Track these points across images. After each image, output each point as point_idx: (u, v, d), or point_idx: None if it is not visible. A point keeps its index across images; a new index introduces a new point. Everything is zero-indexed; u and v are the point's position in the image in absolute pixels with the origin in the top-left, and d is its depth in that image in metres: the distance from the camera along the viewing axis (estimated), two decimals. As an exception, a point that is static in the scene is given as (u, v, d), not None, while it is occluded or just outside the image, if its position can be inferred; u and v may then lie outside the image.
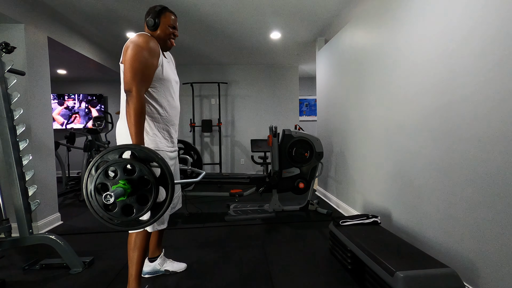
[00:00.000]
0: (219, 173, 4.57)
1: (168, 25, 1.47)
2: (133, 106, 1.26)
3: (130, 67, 1.28)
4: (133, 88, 1.27)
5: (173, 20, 1.50)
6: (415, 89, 1.84)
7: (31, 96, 2.53)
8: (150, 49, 1.34)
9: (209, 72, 5.32)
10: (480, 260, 1.37)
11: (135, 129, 1.25)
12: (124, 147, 1.14)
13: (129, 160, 1.10)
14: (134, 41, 1.32)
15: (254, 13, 3.03)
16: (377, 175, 2.35)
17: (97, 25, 3.27)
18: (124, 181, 1.07)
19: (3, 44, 1.83)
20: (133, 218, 1.10)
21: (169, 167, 1.14)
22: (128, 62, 1.28)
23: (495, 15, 1.28)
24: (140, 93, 1.28)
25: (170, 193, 1.13)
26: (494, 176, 1.29)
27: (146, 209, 1.10)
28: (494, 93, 1.29)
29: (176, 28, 1.52)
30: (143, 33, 1.39)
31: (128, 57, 1.29)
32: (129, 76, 1.27)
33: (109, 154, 1.12)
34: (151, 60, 1.34)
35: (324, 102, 3.75)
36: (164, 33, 1.47)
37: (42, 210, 2.63)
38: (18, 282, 1.76)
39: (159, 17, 1.45)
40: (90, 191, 1.09)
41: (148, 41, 1.34)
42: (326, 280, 1.73)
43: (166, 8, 1.48)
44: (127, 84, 1.27)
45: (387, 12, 2.17)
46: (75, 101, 5.93)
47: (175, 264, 1.84)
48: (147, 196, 1.10)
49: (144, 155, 1.14)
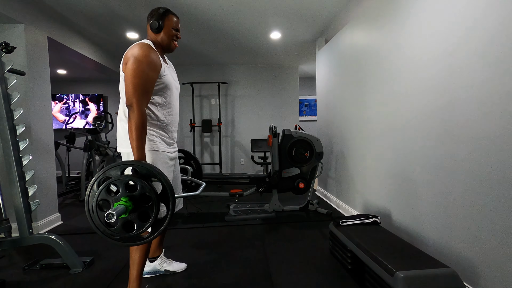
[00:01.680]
0: (219, 173, 4.57)
1: (172, 28, 1.47)
2: (134, 121, 1.26)
3: (130, 83, 1.28)
4: (134, 103, 1.27)
5: (176, 22, 1.50)
6: (415, 89, 1.84)
7: (31, 96, 2.53)
8: (150, 62, 1.33)
9: (209, 72, 5.33)
10: (480, 260, 1.37)
11: (136, 144, 1.25)
12: (126, 163, 1.15)
13: (130, 177, 1.12)
14: (134, 54, 1.31)
15: (254, 13, 3.03)
16: (377, 175, 2.35)
17: (97, 25, 3.27)
18: (125, 198, 1.08)
19: (3, 44, 1.83)
20: (134, 234, 1.12)
21: (169, 182, 1.16)
22: (129, 77, 1.29)
23: (495, 15, 1.28)
24: (141, 107, 1.29)
25: (171, 210, 1.15)
26: (494, 176, 1.29)
27: (147, 226, 1.11)
28: (494, 93, 1.29)
29: (179, 30, 1.53)
30: (143, 43, 1.37)
31: (129, 72, 1.29)
32: (130, 91, 1.28)
33: (111, 170, 1.13)
34: (151, 74, 1.34)
35: (324, 102, 3.75)
36: (168, 36, 1.48)
37: (42, 210, 2.63)
38: (18, 282, 1.76)
39: (162, 20, 1.45)
40: (92, 207, 1.09)
41: (148, 54, 1.33)
42: (326, 280, 1.72)
43: (169, 10, 1.49)
44: (128, 100, 1.28)
45: (387, 12, 2.17)
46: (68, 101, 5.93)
47: (175, 264, 1.84)
48: (149, 212, 1.12)
49: (146, 172, 1.15)
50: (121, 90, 1.40)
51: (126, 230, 1.11)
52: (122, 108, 1.41)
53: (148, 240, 1.17)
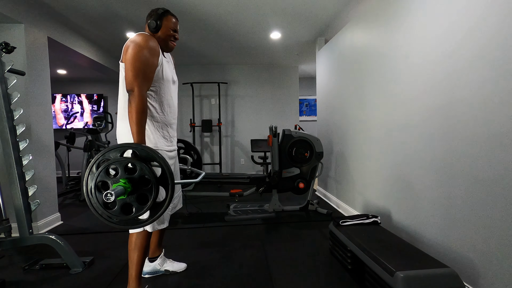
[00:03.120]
0: (219, 173, 4.57)
1: (170, 28, 1.48)
2: (135, 105, 1.27)
3: (131, 67, 1.29)
4: (135, 87, 1.28)
5: (174, 23, 1.51)
6: (415, 89, 1.84)
7: (31, 96, 2.53)
8: (150, 48, 1.35)
9: (209, 72, 5.33)
10: (480, 260, 1.37)
11: (136, 128, 1.26)
12: (126, 145, 1.14)
13: (130, 159, 1.10)
14: (134, 40, 1.33)
15: (254, 13, 3.03)
16: (377, 175, 2.35)
17: (97, 25, 3.27)
18: (124, 180, 1.07)
19: (3, 44, 1.83)
20: (132, 217, 1.10)
21: (169, 167, 1.14)
22: (129, 61, 1.29)
23: (495, 15, 1.28)
24: (142, 92, 1.29)
25: (170, 193, 1.13)
26: (494, 176, 1.29)
27: (146, 208, 1.10)
28: (494, 93, 1.29)
29: (177, 31, 1.54)
30: (143, 32, 1.40)
31: (129, 57, 1.30)
32: (131, 76, 1.28)
33: (110, 153, 1.12)
34: (151, 59, 1.35)
35: (324, 102, 3.75)
36: (165, 36, 1.48)
37: (42, 210, 2.63)
38: (18, 282, 1.76)
39: (161, 20, 1.46)
40: (91, 189, 1.09)
41: (148, 40, 1.35)
42: (326, 280, 1.73)
43: (168, 11, 1.50)
44: (129, 84, 1.28)
45: (387, 12, 2.17)
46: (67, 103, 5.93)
47: (175, 264, 1.84)
48: (147, 195, 1.10)
49: (145, 154, 1.14)
50: (120, 83, 1.40)
51: (124, 212, 1.10)
52: (123, 105, 1.40)
53: (147, 223, 1.15)
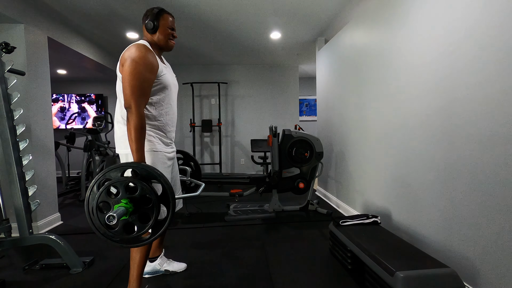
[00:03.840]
0: (219, 173, 4.57)
1: (167, 27, 1.47)
2: (133, 122, 1.26)
3: (128, 85, 1.28)
4: (132, 104, 1.27)
5: (171, 22, 1.50)
6: (415, 89, 1.84)
7: (31, 96, 2.53)
8: (146, 64, 1.33)
9: (209, 72, 5.32)
10: (480, 260, 1.37)
11: (135, 146, 1.25)
12: (126, 165, 1.15)
13: (130, 178, 1.12)
14: (130, 56, 1.31)
15: (254, 13, 3.03)
16: (377, 175, 2.35)
17: (97, 25, 3.27)
18: (126, 200, 1.08)
19: (3, 44, 1.83)
20: (134, 236, 1.12)
21: (170, 185, 1.16)
22: (126, 79, 1.29)
23: (495, 15, 1.28)
24: (139, 109, 1.29)
25: (171, 212, 1.15)
26: (494, 176, 1.29)
27: (148, 228, 1.11)
28: (494, 93, 1.29)
29: (175, 29, 1.53)
30: (140, 44, 1.37)
31: (126, 74, 1.29)
32: (128, 93, 1.28)
33: (111, 172, 1.13)
34: (148, 75, 1.34)
35: (324, 102, 3.75)
36: (164, 35, 1.47)
37: (42, 210, 2.63)
38: (18, 282, 1.76)
39: (157, 20, 1.45)
40: (92, 209, 1.09)
41: (144, 56, 1.33)
42: (326, 280, 1.73)
43: (164, 10, 1.49)
44: (126, 102, 1.28)
45: (387, 12, 2.17)
46: (64, 102, 5.92)
47: (175, 264, 1.84)
48: (149, 214, 1.12)
49: (146, 173, 1.15)
50: (118, 92, 1.40)
51: (126, 231, 1.11)
52: (120, 110, 1.41)
53: (149, 242, 1.17)
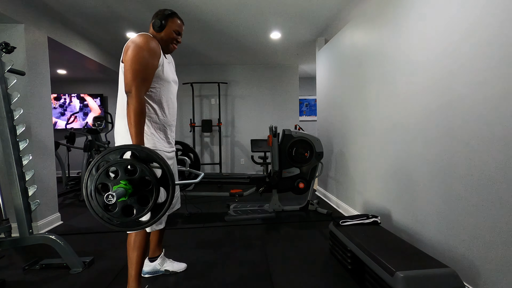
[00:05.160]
0: (219, 173, 4.57)
1: (173, 30, 1.48)
2: (133, 106, 1.27)
3: (130, 68, 1.29)
4: (133, 89, 1.27)
5: (179, 26, 1.51)
6: (415, 89, 1.84)
7: (31, 96, 2.53)
8: (150, 49, 1.34)
9: (209, 72, 5.33)
10: (480, 260, 1.37)
11: (135, 130, 1.26)
12: (125, 147, 1.13)
13: (130, 160, 1.10)
14: (134, 41, 1.33)
15: (254, 13, 3.03)
16: (377, 175, 2.35)
17: (97, 25, 3.27)
18: (125, 182, 1.07)
19: (3, 44, 1.83)
20: (133, 219, 1.10)
21: (170, 168, 1.14)
22: (129, 63, 1.29)
23: (495, 15, 1.28)
24: (140, 93, 1.29)
25: (171, 194, 1.13)
26: (494, 175, 1.29)
27: (147, 210, 1.09)
28: (493, 93, 1.29)
29: (181, 34, 1.54)
30: (144, 33, 1.39)
31: (129, 58, 1.30)
32: (129, 77, 1.28)
33: (110, 154, 1.11)
34: (151, 61, 1.35)
35: (324, 102, 3.75)
36: (168, 37, 1.48)
37: (42, 210, 2.63)
38: (18, 282, 1.76)
39: (166, 20, 1.46)
40: (91, 191, 1.08)
41: (148, 42, 1.35)
42: (326, 280, 1.73)
43: (176, 13, 1.50)
44: (127, 85, 1.28)
45: (387, 12, 2.17)
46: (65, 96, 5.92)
47: (175, 264, 1.84)
48: (148, 197, 1.10)
49: (145, 156, 1.13)
50: (120, 83, 1.40)
51: (125, 214, 1.09)
52: (121, 104, 1.40)
53: (148, 225, 1.15)
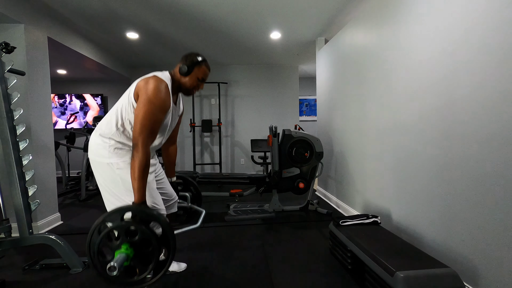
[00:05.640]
0: (219, 173, 4.57)
1: (198, 77, 1.49)
2: (138, 160, 1.25)
3: (139, 123, 1.28)
4: (139, 142, 1.27)
5: (205, 74, 1.51)
6: (415, 89, 1.84)
7: (31, 96, 2.53)
8: (161, 106, 1.34)
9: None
10: (480, 260, 1.37)
11: (138, 184, 1.24)
12: (126, 209, 1.17)
13: (130, 223, 1.13)
14: (148, 94, 1.30)
15: (254, 13, 3.03)
16: (377, 175, 2.35)
17: (97, 25, 3.27)
18: (126, 245, 1.11)
19: (3, 44, 1.83)
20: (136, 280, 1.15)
21: (171, 228, 1.18)
22: (139, 117, 1.29)
23: (495, 15, 1.28)
24: (146, 148, 1.29)
25: (172, 255, 1.17)
26: (494, 175, 1.29)
27: (149, 270, 1.14)
28: (494, 92, 1.29)
29: (205, 80, 1.54)
30: (160, 82, 1.34)
31: (139, 112, 1.29)
32: (137, 131, 1.28)
33: (110, 217, 1.16)
34: (160, 116, 1.35)
35: (324, 102, 3.75)
36: (191, 83, 1.48)
37: (42, 210, 2.62)
38: (18, 282, 1.76)
39: (193, 68, 1.46)
40: (94, 254, 1.13)
41: (161, 97, 1.33)
42: (326, 280, 1.73)
43: (205, 61, 1.51)
44: (135, 139, 1.28)
45: (386, 12, 2.17)
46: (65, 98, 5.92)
47: (175, 264, 1.84)
48: (149, 256, 1.14)
49: (146, 216, 1.18)
50: (117, 108, 1.39)
51: (128, 275, 1.14)
52: (107, 121, 1.40)
53: (151, 282, 1.19)
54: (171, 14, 3.00)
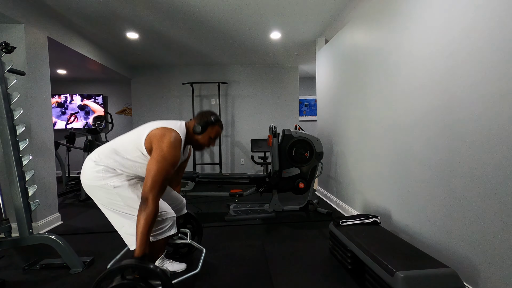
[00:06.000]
0: (219, 173, 4.57)
1: (210, 137, 1.52)
2: (146, 215, 1.26)
3: (151, 179, 1.30)
4: (150, 197, 1.28)
5: (218, 133, 1.55)
6: (415, 89, 1.84)
7: (31, 96, 2.53)
8: (174, 162, 1.37)
9: (209, 72, 5.33)
10: (480, 260, 1.37)
11: (141, 239, 1.25)
12: (124, 266, 1.19)
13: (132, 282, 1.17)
14: (163, 150, 1.33)
15: (254, 13, 3.03)
16: (377, 175, 2.35)
17: (97, 25, 3.27)
18: None
19: (3, 44, 1.83)
20: None
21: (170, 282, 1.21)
22: (151, 172, 1.30)
23: (495, 15, 1.28)
24: (156, 202, 1.30)
25: None
26: (494, 175, 1.29)
27: None
28: (494, 92, 1.29)
29: (217, 138, 1.57)
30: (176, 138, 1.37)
31: (152, 167, 1.31)
32: (149, 186, 1.29)
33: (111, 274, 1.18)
34: (171, 171, 1.38)
35: (324, 102, 3.75)
36: (203, 142, 1.52)
37: (42, 210, 2.63)
38: (18, 282, 1.76)
39: (206, 127, 1.50)
40: None
41: (175, 154, 1.36)
42: (326, 280, 1.72)
43: (219, 121, 1.54)
44: (145, 193, 1.29)
45: (386, 12, 2.17)
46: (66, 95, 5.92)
47: (175, 264, 1.84)
48: None
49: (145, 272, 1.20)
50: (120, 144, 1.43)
51: None
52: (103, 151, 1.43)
53: None
54: (171, 14, 3.00)
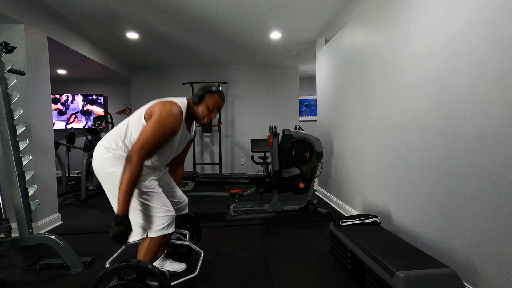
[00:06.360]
0: (219, 173, 4.57)
1: (209, 106, 1.51)
2: (129, 173, 1.25)
3: (142, 140, 1.29)
4: (135, 157, 1.27)
5: (216, 103, 1.53)
6: (415, 89, 1.84)
7: (31, 96, 2.53)
8: (170, 130, 1.36)
9: (209, 72, 5.33)
10: (480, 260, 1.37)
11: (123, 198, 1.25)
12: (120, 267, 1.21)
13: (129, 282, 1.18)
14: (162, 115, 1.33)
15: (254, 13, 3.03)
16: (377, 175, 2.35)
17: (97, 25, 3.27)
18: None
19: (3, 44, 1.83)
20: None
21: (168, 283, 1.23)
22: (145, 134, 1.30)
23: (495, 15, 1.28)
24: (140, 163, 1.29)
25: None
26: (494, 174, 1.29)
27: None
28: (493, 92, 1.29)
29: (216, 109, 1.54)
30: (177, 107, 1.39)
31: (148, 129, 1.31)
32: (138, 146, 1.29)
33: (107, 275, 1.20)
34: (164, 139, 1.37)
35: (324, 102, 3.75)
36: (202, 111, 1.52)
37: (42, 210, 2.63)
38: (18, 282, 1.76)
39: (204, 96, 1.50)
40: None
41: (172, 121, 1.36)
42: (326, 280, 1.72)
43: (218, 92, 1.54)
44: (131, 151, 1.29)
45: (387, 12, 2.17)
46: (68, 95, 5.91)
47: (175, 264, 1.84)
48: None
49: (142, 272, 1.22)
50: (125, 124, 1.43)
51: None
52: (112, 135, 1.43)
53: None
54: (171, 14, 3.00)
